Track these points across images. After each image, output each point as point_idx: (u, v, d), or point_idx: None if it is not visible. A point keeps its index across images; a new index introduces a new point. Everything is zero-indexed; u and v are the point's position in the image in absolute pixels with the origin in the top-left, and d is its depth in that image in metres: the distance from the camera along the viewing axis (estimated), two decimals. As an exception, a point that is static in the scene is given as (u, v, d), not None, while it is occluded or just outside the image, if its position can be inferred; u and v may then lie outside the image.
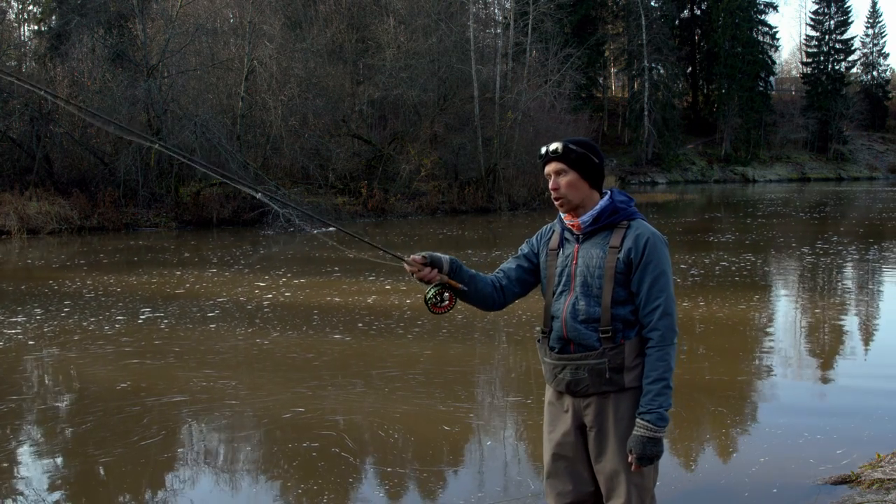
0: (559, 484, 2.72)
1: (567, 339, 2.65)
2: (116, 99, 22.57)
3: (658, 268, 2.57)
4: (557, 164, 2.65)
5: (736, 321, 8.78)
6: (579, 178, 2.64)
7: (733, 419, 5.65)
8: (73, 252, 16.97)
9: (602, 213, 2.64)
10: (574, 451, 2.69)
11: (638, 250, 2.57)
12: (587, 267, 2.63)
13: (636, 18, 52.17)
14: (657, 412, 2.51)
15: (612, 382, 2.59)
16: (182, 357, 7.47)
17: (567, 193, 2.65)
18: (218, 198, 23.19)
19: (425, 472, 4.76)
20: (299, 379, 6.66)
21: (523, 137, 29.56)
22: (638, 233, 2.60)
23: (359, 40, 30.68)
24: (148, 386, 6.48)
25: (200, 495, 4.52)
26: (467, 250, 16.76)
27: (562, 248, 2.74)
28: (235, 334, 8.42)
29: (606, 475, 2.62)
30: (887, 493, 4.09)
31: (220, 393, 6.28)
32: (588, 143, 2.69)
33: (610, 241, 2.61)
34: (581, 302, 2.62)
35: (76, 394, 6.54)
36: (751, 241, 17.41)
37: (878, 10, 67.17)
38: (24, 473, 4.79)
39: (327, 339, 8.09)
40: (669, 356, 2.55)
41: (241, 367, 7.26)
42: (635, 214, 2.66)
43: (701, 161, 55.08)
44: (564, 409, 2.71)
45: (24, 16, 35.93)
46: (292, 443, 5.20)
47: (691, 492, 4.40)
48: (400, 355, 7.42)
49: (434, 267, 2.71)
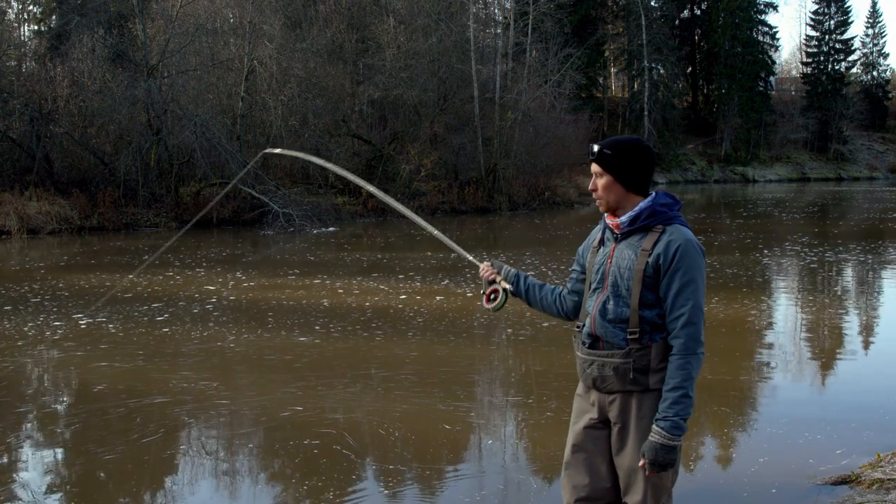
0: (576, 476, 2.74)
1: (596, 336, 2.69)
2: (116, 99, 22.54)
3: (687, 275, 2.57)
4: (595, 166, 2.71)
5: (735, 321, 8.79)
6: (613, 180, 2.67)
7: (733, 419, 5.65)
8: (72, 252, 16.97)
9: (639, 214, 2.66)
10: (594, 444, 2.72)
11: (668, 256, 2.57)
12: (619, 268, 2.65)
13: (636, 18, 52.16)
14: (673, 420, 2.52)
15: (637, 382, 2.62)
16: (181, 357, 7.47)
17: (603, 195, 2.71)
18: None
19: (428, 470, 4.77)
20: (299, 378, 6.66)
21: (523, 137, 29.56)
22: (671, 238, 2.60)
23: (359, 40, 30.67)
24: (148, 385, 6.48)
25: (204, 492, 4.53)
26: (467, 251, 16.75)
27: (602, 245, 2.78)
28: (235, 334, 8.42)
29: (625, 470, 2.66)
30: (887, 493, 4.10)
31: (220, 392, 6.29)
32: (625, 146, 2.69)
33: (643, 244, 2.63)
34: (611, 301, 2.66)
35: (76, 393, 6.54)
36: (751, 240, 17.42)
37: (878, 10, 67.10)
38: (23, 473, 4.79)
39: (328, 339, 8.10)
40: (691, 365, 2.56)
41: (239, 367, 7.26)
42: (674, 220, 2.66)
43: (701, 161, 55.06)
44: (591, 403, 2.75)
45: (24, 16, 35.95)
46: (294, 440, 5.22)
47: (691, 492, 4.40)
48: (401, 355, 7.42)
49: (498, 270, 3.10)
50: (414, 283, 11.83)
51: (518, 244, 17.69)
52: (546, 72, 32.33)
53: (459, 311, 9.57)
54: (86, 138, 23.35)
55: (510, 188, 28.69)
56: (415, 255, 15.47)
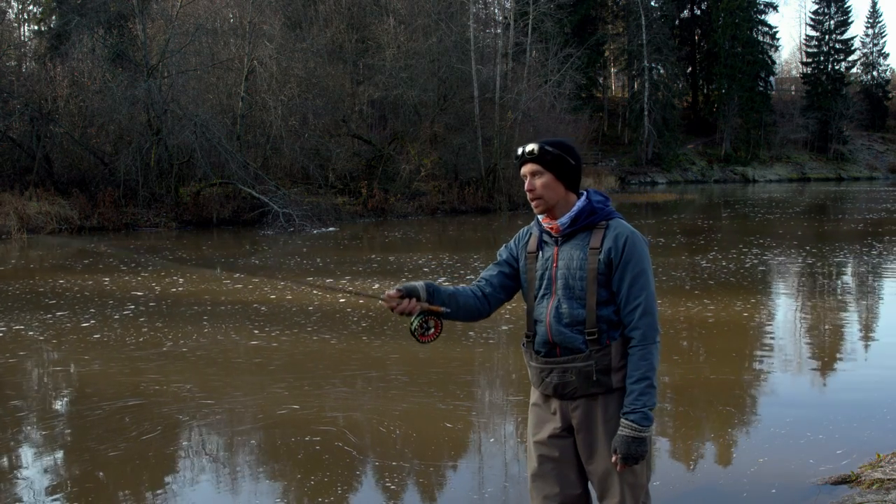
0: (545, 486, 2.69)
1: (553, 343, 2.63)
2: (116, 99, 22.55)
3: (638, 266, 2.55)
4: (533, 166, 2.64)
5: (736, 321, 8.79)
6: (554, 179, 2.63)
7: (732, 419, 5.65)
8: (72, 252, 16.97)
9: (580, 214, 2.63)
10: (562, 452, 2.67)
11: (618, 250, 2.56)
12: (568, 269, 2.61)
13: (636, 18, 52.14)
14: (641, 412, 2.50)
15: (600, 384, 2.58)
16: (180, 356, 7.48)
17: (543, 194, 2.64)
18: (218, 198, 23.18)
19: (431, 468, 4.80)
20: (295, 377, 6.66)
21: (523, 137, 29.51)
22: (617, 232, 2.59)
23: (359, 40, 30.68)
24: (148, 385, 6.48)
25: (207, 488, 4.53)
26: (467, 251, 16.79)
27: (541, 250, 2.72)
28: (235, 334, 8.42)
29: (599, 476, 2.62)
30: (887, 493, 4.09)
31: (218, 392, 6.29)
32: (564, 145, 2.67)
33: (590, 242, 2.60)
34: (564, 305, 2.60)
35: (75, 393, 6.54)
36: (751, 240, 17.41)
37: (878, 10, 67.14)
38: (24, 471, 4.79)
39: (325, 339, 8.10)
40: (652, 355, 2.54)
41: (237, 366, 7.26)
42: (613, 214, 2.65)
43: (701, 161, 55.04)
44: (552, 412, 2.69)
45: (24, 16, 35.98)
46: (295, 437, 5.24)
47: (690, 492, 4.40)
48: (398, 355, 7.42)
49: (411, 297, 2.63)
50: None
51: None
52: (546, 72, 32.34)
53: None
54: (86, 138, 23.36)
55: (510, 188, 28.69)
56: (415, 255, 15.48)
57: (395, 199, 26.40)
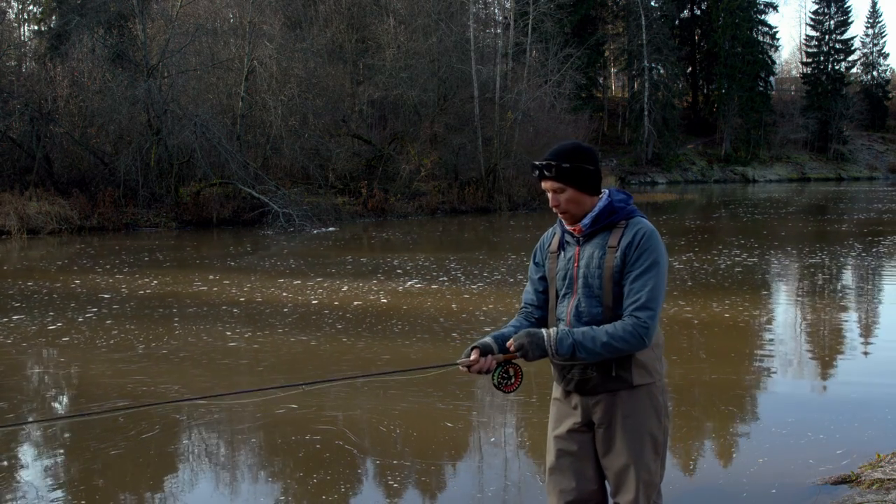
0: (562, 481, 2.72)
1: None
2: (116, 99, 22.55)
3: (648, 259, 2.55)
4: (553, 183, 2.64)
5: (736, 321, 8.78)
6: (576, 191, 2.64)
7: (733, 419, 5.65)
8: (72, 252, 16.97)
9: (601, 214, 2.65)
10: (580, 447, 2.71)
11: (634, 243, 2.57)
12: (588, 268, 2.64)
13: (636, 18, 52.15)
14: (569, 342, 2.52)
15: (621, 380, 2.61)
16: (180, 356, 7.47)
17: (568, 209, 2.66)
18: (218, 198, 23.18)
19: (431, 467, 4.81)
20: (289, 378, 6.65)
21: (523, 137, 29.56)
22: (636, 230, 2.60)
23: (359, 40, 30.69)
24: (147, 384, 6.48)
25: (210, 488, 4.53)
26: (468, 251, 16.78)
27: (563, 250, 2.75)
28: (234, 334, 8.42)
29: (615, 471, 2.65)
30: (887, 493, 4.09)
31: (210, 392, 6.27)
32: (580, 152, 2.65)
33: (609, 240, 2.62)
34: (583, 303, 2.64)
35: (75, 392, 6.54)
36: (751, 240, 17.41)
37: (878, 10, 67.21)
38: (24, 470, 4.79)
39: (305, 341, 8.10)
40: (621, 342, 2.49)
41: (225, 367, 7.26)
42: (634, 213, 2.67)
43: (701, 161, 55.06)
44: (573, 406, 2.72)
45: (24, 16, 35.98)
46: (295, 436, 5.25)
47: (690, 492, 4.40)
48: (389, 356, 7.42)
49: (486, 354, 2.66)
50: (414, 282, 11.82)
51: (518, 244, 17.68)
52: (546, 72, 32.33)
53: (460, 310, 9.57)
54: (86, 138, 23.35)
55: (510, 188, 28.70)
56: (415, 255, 15.47)
57: (394, 199, 26.39)
